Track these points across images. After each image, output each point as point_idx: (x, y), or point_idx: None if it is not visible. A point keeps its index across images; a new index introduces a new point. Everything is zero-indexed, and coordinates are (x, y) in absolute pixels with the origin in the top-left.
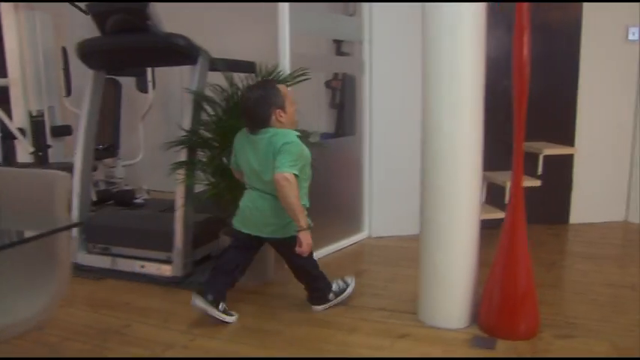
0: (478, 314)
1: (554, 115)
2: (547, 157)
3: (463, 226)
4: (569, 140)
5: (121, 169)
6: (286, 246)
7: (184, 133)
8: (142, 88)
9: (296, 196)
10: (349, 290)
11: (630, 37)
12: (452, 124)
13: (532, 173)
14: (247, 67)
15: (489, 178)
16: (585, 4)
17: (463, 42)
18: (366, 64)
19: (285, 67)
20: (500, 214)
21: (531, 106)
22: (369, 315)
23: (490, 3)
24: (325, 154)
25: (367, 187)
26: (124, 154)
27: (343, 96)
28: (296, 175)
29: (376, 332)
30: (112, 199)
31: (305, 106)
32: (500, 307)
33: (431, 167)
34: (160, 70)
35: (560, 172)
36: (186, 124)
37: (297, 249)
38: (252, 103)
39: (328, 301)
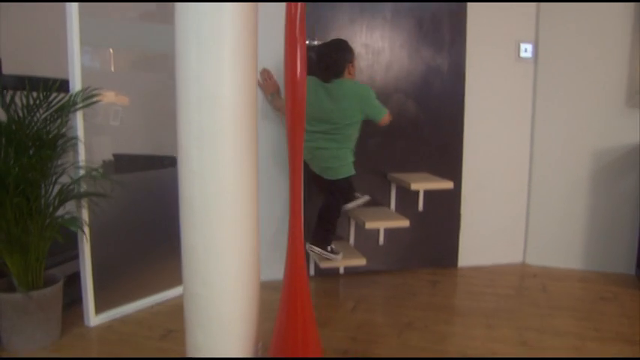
0: None
1: (438, 142)
2: (432, 193)
3: (227, 299)
4: (457, 172)
5: None
6: (333, 186)
7: None
8: None
9: (389, 116)
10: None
11: (523, 53)
12: (202, 162)
13: (412, 211)
14: (56, 86)
15: (355, 217)
16: (470, 17)
17: (220, 54)
18: None
19: (76, 84)
20: (361, 260)
21: (414, 131)
22: None
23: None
24: (149, 187)
25: None
26: None
27: None
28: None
29: None
30: None
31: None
32: None
33: (184, 219)
34: None
35: (447, 209)
36: None
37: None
38: (336, 56)
39: (325, 248)
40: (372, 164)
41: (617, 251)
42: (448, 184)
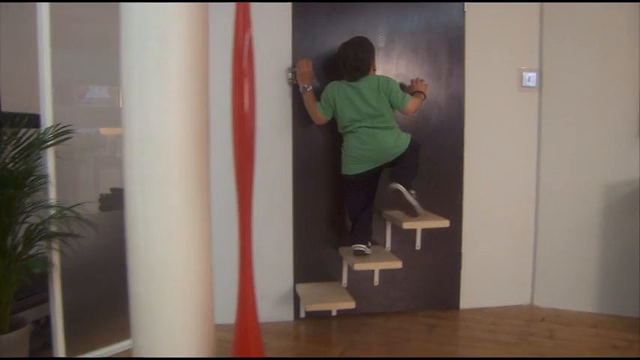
0: None
1: (437, 177)
2: (430, 230)
3: (174, 352)
4: (456, 208)
5: None
6: (402, 157)
7: None
8: None
9: (417, 101)
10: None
11: (526, 82)
12: (146, 208)
13: (409, 249)
14: (24, 122)
15: (345, 256)
16: (469, 45)
17: (166, 90)
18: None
19: (47, 119)
20: (350, 303)
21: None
22: None
23: None
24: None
25: None
26: None
27: None
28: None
29: None
30: None
31: None
32: None
33: (130, 267)
34: None
35: (447, 247)
36: None
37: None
38: (362, 55)
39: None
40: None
41: (632, 293)
42: (443, 223)
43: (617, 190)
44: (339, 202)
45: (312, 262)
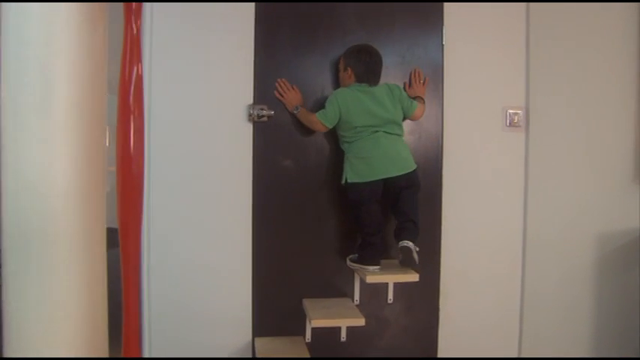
0: None
1: None
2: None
3: None
4: (433, 258)
5: None
6: (411, 179)
7: None
8: None
9: (422, 106)
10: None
11: (511, 122)
12: (21, 276)
13: (380, 302)
14: None
15: (305, 310)
16: (448, 82)
17: (47, 130)
18: None
19: None
20: None
21: (381, 211)
22: None
23: None
24: None
25: None
26: None
27: None
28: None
29: None
30: None
31: None
32: None
33: (5, 350)
34: None
35: (423, 300)
36: None
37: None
38: (381, 60)
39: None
40: (330, 247)
41: (629, 353)
42: (412, 277)
43: (613, 240)
44: (303, 249)
45: (274, 314)
